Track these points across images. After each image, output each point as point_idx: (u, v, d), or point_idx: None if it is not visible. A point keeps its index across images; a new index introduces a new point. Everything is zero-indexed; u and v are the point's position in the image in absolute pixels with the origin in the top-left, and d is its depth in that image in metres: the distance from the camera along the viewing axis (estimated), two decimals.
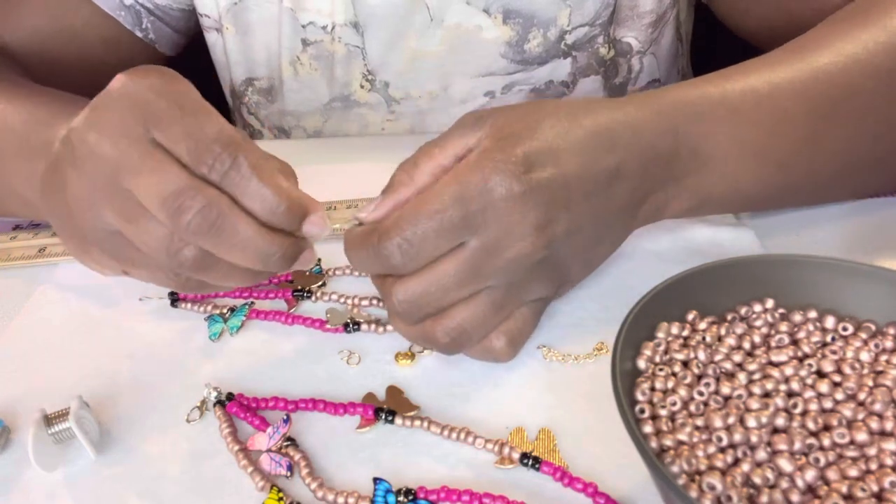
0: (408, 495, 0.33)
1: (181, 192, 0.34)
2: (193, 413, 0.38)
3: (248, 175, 0.35)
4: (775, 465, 0.29)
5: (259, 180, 0.35)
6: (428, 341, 0.38)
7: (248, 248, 0.35)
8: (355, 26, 0.61)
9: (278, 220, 0.36)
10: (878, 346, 0.33)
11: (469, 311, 0.36)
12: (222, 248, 0.35)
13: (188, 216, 0.34)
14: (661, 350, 0.34)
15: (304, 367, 0.41)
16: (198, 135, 0.35)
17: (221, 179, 0.35)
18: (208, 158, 0.34)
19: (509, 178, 0.34)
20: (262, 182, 0.35)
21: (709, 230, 0.48)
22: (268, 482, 0.34)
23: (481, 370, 0.40)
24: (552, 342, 0.41)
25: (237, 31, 0.64)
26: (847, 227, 0.48)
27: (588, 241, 0.39)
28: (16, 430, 0.38)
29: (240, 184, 0.35)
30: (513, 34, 0.60)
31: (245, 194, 0.35)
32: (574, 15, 0.60)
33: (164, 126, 0.35)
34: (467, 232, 0.35)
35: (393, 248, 0.35)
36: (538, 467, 0.34)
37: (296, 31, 0.62)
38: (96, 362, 0.42)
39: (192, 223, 0.34)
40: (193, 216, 0.34)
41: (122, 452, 0.37)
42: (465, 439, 0.35)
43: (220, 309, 0.45)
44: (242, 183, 0.35)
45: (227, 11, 0.63)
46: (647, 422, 0.31)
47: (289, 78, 0.65)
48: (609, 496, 0.32)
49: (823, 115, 0.42)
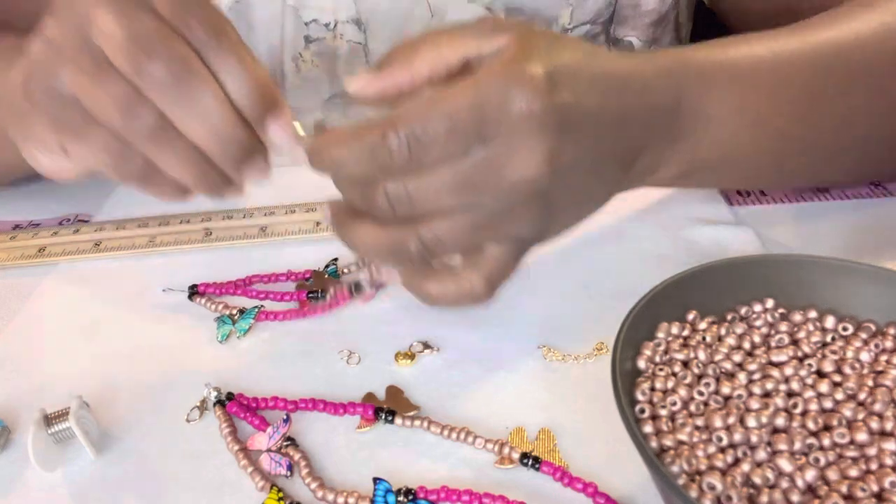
0: (408, 495, 0.33)
1: (151, 37, 0.32)
2: (193, 413, 0.38)
3: (229, 50, 0.33)
4: (775, 465, 0.29)
5: (238, 59, 0.33)
6: (395, 250, 0.35)
7: (209, 121, 0.33)
8: (357, 23, 0.61)
9: (247, 104, 0.34)
10: (878, 346, 0.33)
11: (448, 224, 0.34)
12: (183, 113, 0.33)
13: (154, 63, 0.32)
14: (661, 350, 0.34)
15: (304, 367, 0.41)
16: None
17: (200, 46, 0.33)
18: (192, 23, 0.33)
19: (532, 94, 0.32)
20: (241, 62, 0.33)
21: (709, 230, 0.48)
22: (268, 482, 0.34)
23: (481, 370, 0.40)
24: (552, 342, 0.41)
25: (240, 29, 0.64)
26: (847, 226, 0.48)
27: (583, 184, 0.37)
28: (16, 430, 0.38)
29: (218, 54, 0.33)
30: None
31: (221, 68, 0.33)
32: (576, 13, 0.60)
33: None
34: (477, 141, 0.32)
35: (400, 142, 0.32)
36: (538, 467, 0.34)
37: (298, 28, 0.62)
38: (96, 362, 0.42)
39: (157, 71, 0.32)
40: (160, 63, 0.32)
41: (122, 452, 0.37)
42: (465, 439, 0.35)
43: (231, 310, 0.44)
44: (221, 55, 0.33)
45: (230, 10, 0.62)
46: (647, 422, 0.31)
47: (290, 74, 0.65)
48: (609, 496, 0.32)
49: (825, 86, 0.42)
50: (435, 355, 0.41)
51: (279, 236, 0.51)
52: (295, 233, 0.51)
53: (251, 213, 0.53)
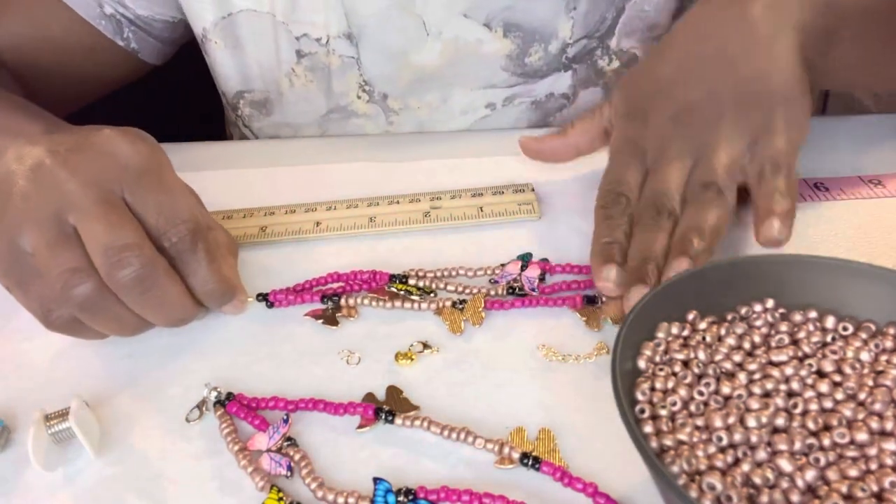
0: (408, 495, 0.33)
1: (128, 248, 0.36)
2: (193, 413, 0.38)
3: (201, 259, 0.39)
4: (775, 465, 0.29)
5: (208, 267, 0.39)
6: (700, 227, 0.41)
7: (163, 310, 0.38)
8: (349, 37, 0.60)
9: (208, 300, 0.40)
10: (878, 346, 0.33)
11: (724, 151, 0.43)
12: (136, 304, 0.38)
13: (125, 271, 0.36)
14: (661, 350, 0.34)
15: (304, 367, 0.41)
16: (169, 211, 0.38)
17: (176, 256, 0.38)
18: (172, 236, 0.38)
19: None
20: (210, 269, 0.39)
21: None
22: (268, 482, 0.34)
23: (481, 370, 0.40)
24: (552, 342, 0.41)
25: (226, 45, 0.63)
26: (847, 226, 0.48)
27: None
28: (16, 430, 0.38)
29: (191, 265, 0.39)
30: (513, 48, 0.60)
31: (190, 272, 0.39)
32: (576, 27, 0.60)
33: (140, 192, 0.38)
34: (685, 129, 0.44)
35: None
36: (538, 467, 0.34)
37: (290, 43, 0.62)
38: (96, 362, 0.42)
39: (124, 278, 0.36)
40: (129, 273, 0.36)
41: (122, 452, 0.37)
42: (465, 439, 0.35)
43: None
44: (193, 265, 0.39)
45: (215, 26, 0.62)
46: (647, 422, 0.31)
47: (285, 90, 0.64)
48: (609, 496, 0.32)
49: None
50: (435, 355, 0.41)
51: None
52: None
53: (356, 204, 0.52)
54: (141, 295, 0.37)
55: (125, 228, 0.37)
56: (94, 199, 0.37)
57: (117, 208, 0.37)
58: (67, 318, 0.38)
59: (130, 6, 0.62)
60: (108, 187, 0.38)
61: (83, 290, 0.36)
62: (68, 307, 0.37)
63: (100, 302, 0.37)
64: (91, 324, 0.38)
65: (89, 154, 0.39)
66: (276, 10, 0.60)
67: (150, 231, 0.38)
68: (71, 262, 0.36)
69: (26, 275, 0.37)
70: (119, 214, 0.37)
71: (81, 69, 0.63)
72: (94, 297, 0.37)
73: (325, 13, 0.59)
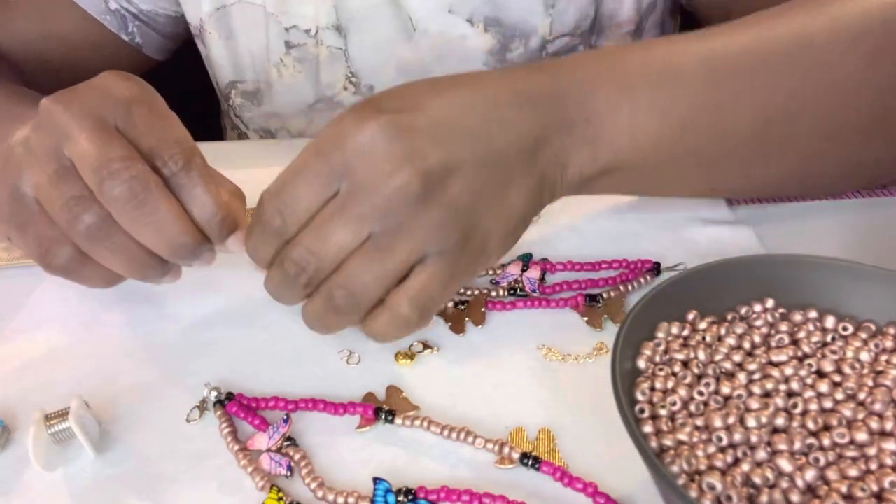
0: (408, 495, 0.33)
1: (117, 160, 0.35)
2: (193, 413, 0.38)
3: (197, 180, 0.37)
4: (775, 465, 0.29)
5: (204, 187, 0.37)
6: (329, 307, 0.36)
7: (163, 231, 0.36)
8: (338, 29, 0.61)
9: (209, 228, 0.37)
10: (878, 346, 0.33)
11: (358, 259, 0.35)
12: (135, 224, 0.36)
13: (115, 182, 0.35)
14: (661, 350, 0.34)
15: (304, 366, 0.41)
16: (161, 133, 0.37)
17: (170, 176, 0.37)
18: (165, 155, 0.36)
19: (360, 119, 0.35)
20: (207, 190, 0.37)
21: (709, 230, 0.48)
22: (268, 482, 0.34)
23: (481, 370, 0.40)
24: (552, 342, 0.41)
25: (220, 35, 0.64)
26: (847, 226, 0.48)
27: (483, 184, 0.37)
28: (16, 430, 0.38)
29: (186, 185, 0.37)
30: (494, 43, 0.61)
31: (188, 196, 0.37)
32: (555, 25, 0.60)
33: (132, 119, 0.37)
34: (335, 178, 0.35)
35: (272, 213, 0.35)
36: (538, 467, 0.34)
37: (279, 34, 0.63)
38: (96, 362, 0.42)
39: (115, 190, 0.35)
40: (120, 183, 0.35)
41: (122, 452, 0.37)
42: (465, 439, 0.35)
43: None
44: (189, 185, 0.37)
45: (210, 17, 0.63)
46: (647, 422, 0.31)
47: (274, 80, 0.65)
48: (609, 496, 0.32)
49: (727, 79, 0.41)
50: (435, 355, 0.41)
51: None
52: None
53: None
54: (135, 210, 0.35)
55: (113, 144, 0.36)
56: (85, 127, 0.36)
57: (106, 131, 0.36)
58: (67, 258, 0.37)
59: (134, 1, 0.62)
60: (100, 115, 0.37)
61: (88, 218, 0.36)
62: (73, 238, 0.37)
63: (104, 228, 0.36)
64: (96, 256, 0.37)
65: (82, 90, 0.38)
66: (268, 1, 0.61)
67: (143, 155, 0.37)
68: (73, 191, 0.36)
69: (26, 216, 0.37)
70: (108, 134, 0.36)
71: (87, 64, 0.63)
72: (98, 223, 0.36)
73: (314, 5, 0.60)
